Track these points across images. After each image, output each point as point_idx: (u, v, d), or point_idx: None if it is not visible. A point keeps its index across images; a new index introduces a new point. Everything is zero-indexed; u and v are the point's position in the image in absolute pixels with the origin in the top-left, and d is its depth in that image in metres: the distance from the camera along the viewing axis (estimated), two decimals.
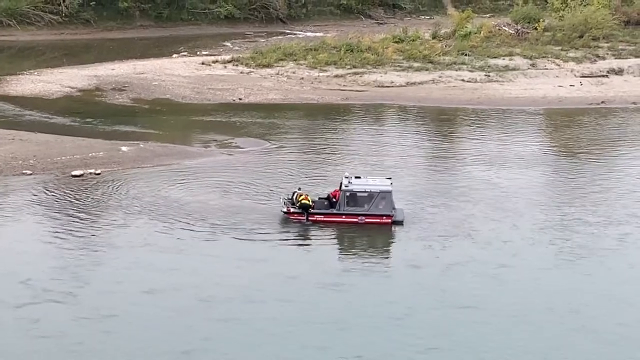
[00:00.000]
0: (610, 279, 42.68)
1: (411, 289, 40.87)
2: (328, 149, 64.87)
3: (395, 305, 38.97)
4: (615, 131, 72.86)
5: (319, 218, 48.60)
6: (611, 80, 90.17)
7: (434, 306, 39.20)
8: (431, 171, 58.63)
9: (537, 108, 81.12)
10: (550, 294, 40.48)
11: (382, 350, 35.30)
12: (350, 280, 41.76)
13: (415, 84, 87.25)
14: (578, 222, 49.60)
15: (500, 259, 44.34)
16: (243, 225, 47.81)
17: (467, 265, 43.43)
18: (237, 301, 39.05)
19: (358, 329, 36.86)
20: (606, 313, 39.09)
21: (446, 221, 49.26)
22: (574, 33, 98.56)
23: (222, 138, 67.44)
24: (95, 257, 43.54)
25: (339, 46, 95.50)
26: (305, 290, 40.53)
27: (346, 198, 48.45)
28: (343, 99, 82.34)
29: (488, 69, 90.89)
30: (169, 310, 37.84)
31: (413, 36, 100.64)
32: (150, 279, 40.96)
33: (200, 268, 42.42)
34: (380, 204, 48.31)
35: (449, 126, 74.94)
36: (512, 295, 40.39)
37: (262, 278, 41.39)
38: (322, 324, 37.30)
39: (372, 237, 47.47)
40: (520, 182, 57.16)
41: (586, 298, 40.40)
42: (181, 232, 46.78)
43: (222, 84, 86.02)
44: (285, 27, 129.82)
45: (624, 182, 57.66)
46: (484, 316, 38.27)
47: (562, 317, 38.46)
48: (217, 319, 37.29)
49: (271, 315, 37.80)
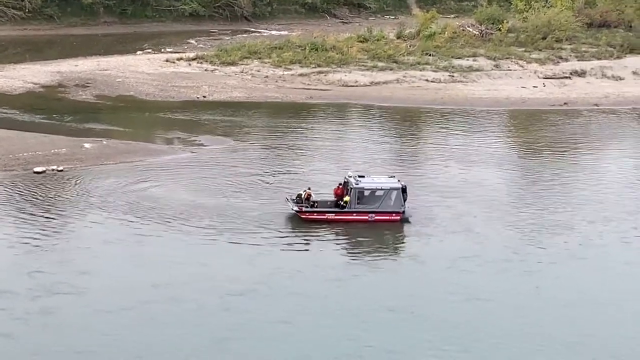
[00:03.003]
0: (606, 270, 43.90)
1: (419, 282, 41.57)
2: (292, 148, 64.96)
3: (404, 298, 39.51)
4: (578, 132, 73.45)
5: (330, 217, 48.64)
6: (574, 82, 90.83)
7: (442, 298, 39.74)
8: (399, 169, 58.66)
9: (500, 109, 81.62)
10: (550, 286, 41.37)
11: (391, 341, 35.63)
12: (359, 275, 42.25)
13: (380, 83, 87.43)
14: (561, 220, 50.31)
15: (500, 254, 45.12)
16: (234, 224, 47.80)
17: (471, 259, 44.12)
18: (249, 296, 39.22)
19: (368, 321, 37.24)
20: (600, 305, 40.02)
21: (440, 217, 49.89)
22: (538, 34, 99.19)
23: (185, 135, 67.31)
24: (60, 254, 43.44)
25: (304, 45, 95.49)
26: (314, 285, 40.78)
27: (357, 196, 48.66)
28: (307, 97, 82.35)
29: (452, 69, 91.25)
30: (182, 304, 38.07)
31: (378, 36, 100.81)
32: (134, 275, 41.03)
33: (194, 264, 42.56)
34: (390, 200, 48.72)
35: (413, 126, 75.27)
36: (514, 287, 41.22)
37: (271, 274, 41.59)
38: (332, 316, 37.64)
39: (380, 233, 47.79)
40: (492, 180, 57.97)
41: (582, 287, 41.33)
42: (150, 228, 46.83)
43: (186, 81, 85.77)
44: (250, 25, 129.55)
45: (589, 180, 58.78)
46: (490, 307, 39.06)
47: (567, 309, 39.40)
48: (234, 313, 37.49)
49: (283, 309, 37.96)
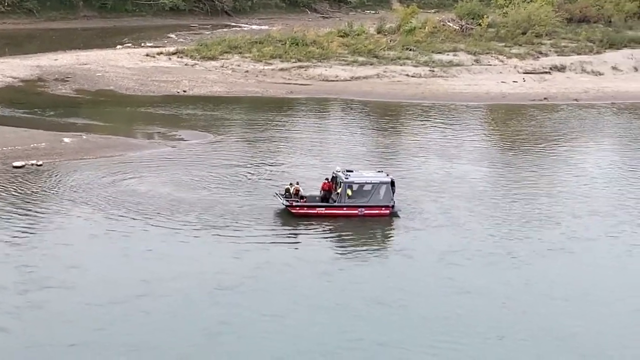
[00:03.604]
0: (594, 263, 44.03)
1: (409, 275, 41.63)
2: (273, 142, 64.86)
3: (394, 292, 39.57)
4: (558, 127, 73.71)
5: (320, 211, 48.68)
6: (553, 77, 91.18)
7: (432, 292, 39.86)
8: (381, 164, 58.64)
9: (480, 103, 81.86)
10: (538, 280, 41.57)
11: (382, 334, 35.67)
12: (348, 269, 42.31)
13: (360, 78, 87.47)
14: (547, 214, 50.50)
15: (487, 248, 45.27)
16: (221, 219, 47.52)
17: (460, 253, 44.24)
18: (239, 289, 39.20)
19: (359, 315, 37.28)
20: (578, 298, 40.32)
21: (427, 211, 49.94)
22: (518, 30, 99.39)
23: (165, 130, 67.17)
24: (46, 248, 43.06)
25: (284, 39, 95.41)
26: (304, 279, 40.70)
27: (346, 191, 48.73)
28: (288, 92, 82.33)
29: (432, 64, 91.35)
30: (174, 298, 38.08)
31: (358, 30, 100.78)
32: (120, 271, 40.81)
33: (181, 259, 42.40)
34: (380, 194, 48.82)
35: (394, 121, 75.32)
36: (502, 280, 41.42)
37: (260, 268, 41.51)
38: (323, 310, 37.63)
39: (369, 227, 47.80)
40: (474, 174, 58.24)
41: (570, 281, 41.48)
42: (136, 223, 46.59)
43: (166, 76, 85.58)
44: (230, 19, 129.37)
45: (571, 174, 59.20)
46: (479, 300, 39.13)
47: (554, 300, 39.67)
48: (224, 308, 37.41)
49: (273, 303, 37.91)
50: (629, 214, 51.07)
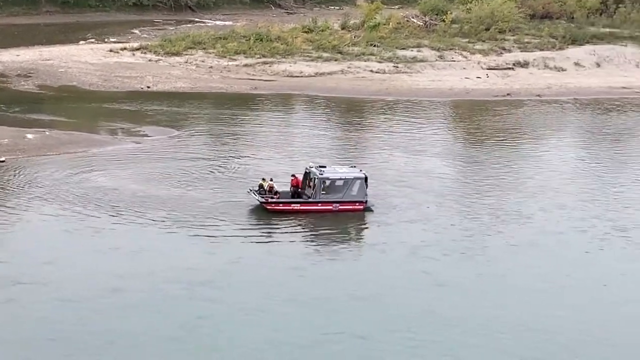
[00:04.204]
0: (565, 257, 44.37)
1: (384, 270, 41.75)
2: (238, 138, 64.77)
3: (370, 286, 39.65)
4: (522, 122, 74.17)
5: (295, 207, 48.71)
6: (517, 73, 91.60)
7: (408, 286, 40.00)
8: (348, 159, 58.74)
9: (444, 99, 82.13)
10: (511, 273, 41.95)
11: (360, 327, 35.75)
12: (323, 264, 42.42)
13: (325, 74, 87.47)
14: (516, 208, 50.70)
15: (459, 242, 45.53)
16: (191, 215, 47.28)
17: (433, 247, 44.49)
18: (214, 284, 39.12)
19: (335, 309, 37.37)
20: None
21: (399, 206, 50.10)
22: (481, 25, 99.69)
23: (129, 126, 66.83)
24: (18, 244, 42.99)
25: (249, 35, 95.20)
26: (278, 274, 40.63)
27: (322, 186, 48.79)
28: (252, 88, 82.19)
29: (396, 60, 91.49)
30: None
31: (322, 26, 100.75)
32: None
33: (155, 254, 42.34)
34: (354, 190, 48.94)
35: (359, 116, 75.39)
36: (476, 274, 41.73)
37: (233, 263, 41.48)
38: (299, 304, 37.66)
39: (343, 222, 47.94)
40: (441, 169, 58.39)
41: (542, 274, 41.77)
42: (106, 220, 46.24)
43: (130, 71, 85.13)
44: (194, 15, 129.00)
45: (537, 169, 59.51)
46: (454, 293, 39.40)
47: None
48: (200, 302, 37.36)
49: (249, 297, 37.89)
50: (598, 208, 51.46)
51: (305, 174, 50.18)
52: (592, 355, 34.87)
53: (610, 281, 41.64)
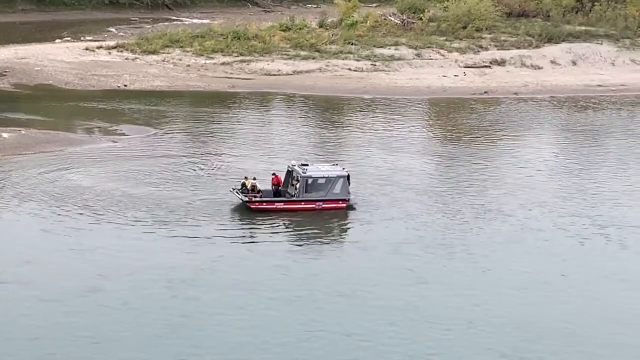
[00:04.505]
0: (546, 253, 44.67)
1: (368, 267, 41.82)
2: (216, 137, 64.65)
3: (354, 283, 39.69)
4: (499, 120, 74.36)
5: (279, 206, 48.71)
6: (494, 71, 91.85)
7: (391, 283, 40.05)
8: (327, 157, 58.70)
9: (422, 97, 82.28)
10: (494, 269, 42.14)
11: (345, 325, 35.81)
12: (307, 262, 42.44)
13: (302, 72, 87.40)
14: (496, 206, 50.89)
15: (441, 239, 45.63)
16: (172, 214, 47.10)
17: (415, 244, 44.61)
18: (196, 282, 39.03)
19: (320, 306, 37.39)
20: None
21: (380, 204, 50.19)
22: (458, 24, 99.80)
23: (106, 125, 66.57)
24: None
25: (226, 34, 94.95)
26: (261, 272, 40.59)
27: (305, 185, 48.78)
28: (230, 86, 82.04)
29: (374, 58, 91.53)
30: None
31: (300, 24, 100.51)
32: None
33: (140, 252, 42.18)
34: (336, 188, 49.04)
35: (337, 115, 75.42)
36: (459, 270, 41.90)
37: (216, 262, 41.41)
38: (283, 302, 37.64)
39: (326, 220, 47.96)
40: (420, 167, 58.59)
41: (525, 270, 41.95)
42: (86, 219, 46.02)
43: (106, 70, 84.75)
44: (171, 13, 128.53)
45: (516, 167, 59.79)
46: (437, 290, 39.51)
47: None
48: (183, 301, 37.29)
49: (232, 296, 37.91)
50: (577, 205, 51.72)
51: (288, 172, 50.15)
52: (574, 350, 34.95)
53: (592, 277, 41.86)
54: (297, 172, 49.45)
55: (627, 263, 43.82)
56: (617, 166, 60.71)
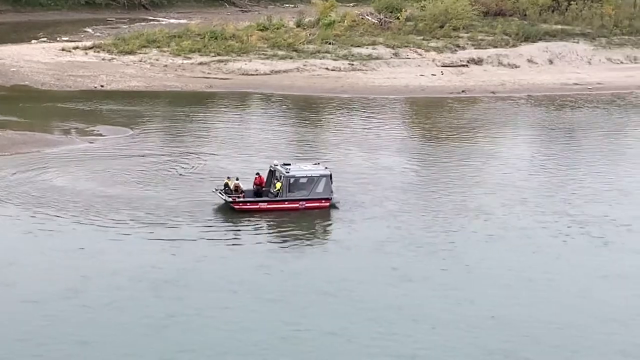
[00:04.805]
0: (529, 251, 44.84)
1: (351, 266, 41.84)
2: (194, 137, 64.48)
3: (337, 282, 39.72)
4: (477, 119, 74.53)
5: (263, 206, 48.71)
6: (471, 70, 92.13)
7: (375, 281, 40.11)
8: (306, 157, 58.62)
9: (400, 97, 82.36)
10: (477, 267, 42.27)
11: (329, 323, 35.80)
12: (290, 261, 42.36)
13: (280, 72, 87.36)
14: (478, 204, 51.08)
15: (424, 237, 45.74)
16: (154, 215, 46.94)
17: (398, 242, 44.69)
18: (180, 283, 38.99)
19: (304, 305, 37.37)
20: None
21: (362, 203, 50.23)
22: (435, 23, 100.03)
23: (83, 125, 66.29)
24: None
25: (203, 33, 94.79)
26: (245, 272, 40.57)
27: (288, 184, 48.81)
28: (207, 86, 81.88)
29: (352, 57, 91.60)
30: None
31: (277, 24, 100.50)
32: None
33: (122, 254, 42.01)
34: (319, 187, 49.17)
35: (315, 114, 75.40)
36: (442, 268, 42.02)
37: (199, 262, 41.32)
38: (266, 301, 37.59)
39: (309, 220, 48.02)
40: (400, 166, 58.73)
41: (508, 268, 42.18)
42: (67, 221, 45.81)
43: (83, 70, 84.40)
44: (148, 13, 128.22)
45: (496, 165, 60.07)
46: (421, 288, 39.66)
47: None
48: (167, 301, 37.20)
49: (216, 295, 37.89)
50: (558, 203, 51.91)
51: (270, 172, 50.13)
52: (559, 346, 35.04)
53: (575, 274, 42.01)
54: (279, 171, 49.46)
55: (610, 260, 44.01)
56: (596, 164, 60.94)
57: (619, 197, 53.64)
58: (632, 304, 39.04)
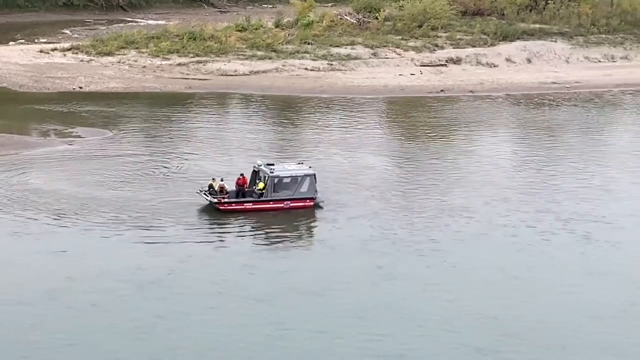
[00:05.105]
0: (512, 248, 45.27)
1: (337, 265, 42.04)
2: (174, 138, 64.33)
3: (323, 282, 39.85)
4: (456, 118, 74.70)
5: (248, 207, 48.73)
6: (450, 69, 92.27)
7: (361, 279, 40.26)
8: (286, 157, 58.57)
9: (379, 96, 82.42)
10: (461, 265, 42.56)
11: (314, 323, 35.90)
12: (275, 261, 42.50)
13: (259, 72, 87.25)
14: (460, 202, 51.30)
15: (408, 236, 45.91)
16: (138, 216, 46.88)
17: (382, 241, 44.92)
18: (166, 283, 39.03)
19: (289, 305, 37.48)
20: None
21: (346, 202, 50.44)
22: (414, 23, 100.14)
23: (62, 127, 66.02)
24: None
25: (182, 34, 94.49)
26: (230, 272, 40.74)
27: (273, 184, 48.89)
28: (186, 87, 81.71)
29: (331, 57, 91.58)
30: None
31: (256, 25, 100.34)
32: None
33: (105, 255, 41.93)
34: (304, 187, 49.34)
35: (294, 114, 75.32)
36: (427, 266, 42.27)
37: (185, 262, 41.34)
38: (252, 301, 37.70)
39: (293, 219, 48.10)
40: (381, 165, 58.93)
41: (492, 265, 42.49)
42: (50, 223, 45.73)
43: (61, 72, 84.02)
44: (126, 14, 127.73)
45: (475, 163, 60.44)
46: (407, 286, 39.79)
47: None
48: (154, 301, 37.23)
49: (201, 296, 37.90)
50: (540, 200, 52.22)
51: (254, 172, 50.14)
52: (547, 344, 35.22)
53: (560, 271, 42.28)
54: (264, 171, 49.55)
55: (594, 257, 44.40)
56: (576, 162, 61.31)
57: (600, 194, 54.11)
58: (617, 300, 39.33)
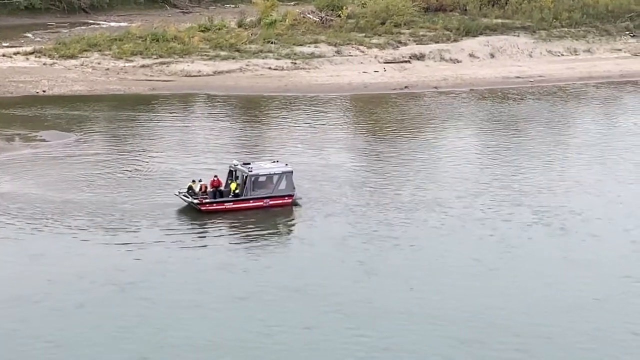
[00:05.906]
0: (489, 242, 45.58)
1: (317, 262, 42.30)
2: (140, 140, 64.08)
3: (304, 278, 40.05)
4: (421, 114, 75.00)
5: (228, 206, 48.87)
6: (413, 66, 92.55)
7: (341, 276, 40.52)
8: (255, 156, 58.45)
9: (343, 94, 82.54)
10: (438, 259, 42.89)
11: (297, 319, 36.07)
12: (255, 259, 42.59)
13: (223, 72, 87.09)
14: (433, 197, 51.60)
15: (385, 232, 46.12)
16: (113, 219, 46.73)
17: (360, 237, 45.27)
18: (147, 284, 39.03)
19: (272, 302, 37.60)
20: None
21: (320, 200, 50.72)
22: (377, 20, 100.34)
23: (26, 132, 65.49)
24: None
25: (145, 36, 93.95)
26: (210, 271, 40.83)
27: (252, 183, 49.06)
28: (150, 89, 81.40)
29: (294, 56, 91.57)
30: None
31: (219, 25, 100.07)
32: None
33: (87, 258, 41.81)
34: (282, 185, 49.66)
35: (259, 114, 75.26)
36: (405, 262, 42.53)
37: (164, 263, 41.39)
38: (235, 299, 37.86)
39: (271, 218, 48.31)
40: (350, 163, 59.14)
41: (469, 259, 42.82)
42: (26, 227, 45.50)
43: (24, 76, 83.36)
44: (88, 17, 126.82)
45: (444, 158, 60.96)
46: (387, 281, 40.06)
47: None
48: (136, 301, 37.28)
49: (183, 295, 38.02)
50: (513, 194, 52.72)
51: (230, 172, 50.19)
52: (530, 336, 35.56)
53: (538, 263, 42.71)
54: (241, 171, 49.64)
55: (570, 248, 44.87)
56: (543, 155, 61.79)
57: (572, 186, 54.63)
58: (594, 290, 39.91)
